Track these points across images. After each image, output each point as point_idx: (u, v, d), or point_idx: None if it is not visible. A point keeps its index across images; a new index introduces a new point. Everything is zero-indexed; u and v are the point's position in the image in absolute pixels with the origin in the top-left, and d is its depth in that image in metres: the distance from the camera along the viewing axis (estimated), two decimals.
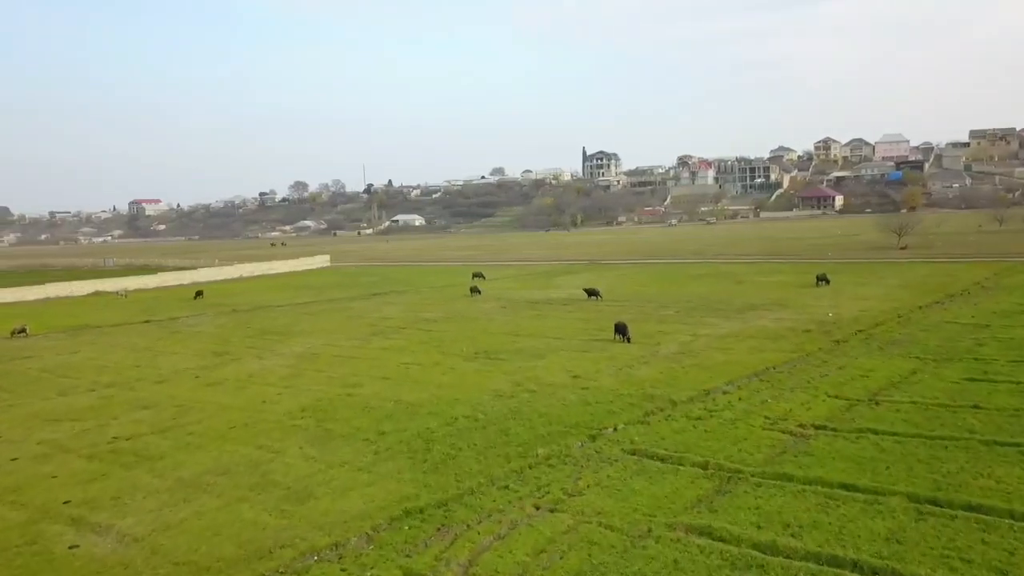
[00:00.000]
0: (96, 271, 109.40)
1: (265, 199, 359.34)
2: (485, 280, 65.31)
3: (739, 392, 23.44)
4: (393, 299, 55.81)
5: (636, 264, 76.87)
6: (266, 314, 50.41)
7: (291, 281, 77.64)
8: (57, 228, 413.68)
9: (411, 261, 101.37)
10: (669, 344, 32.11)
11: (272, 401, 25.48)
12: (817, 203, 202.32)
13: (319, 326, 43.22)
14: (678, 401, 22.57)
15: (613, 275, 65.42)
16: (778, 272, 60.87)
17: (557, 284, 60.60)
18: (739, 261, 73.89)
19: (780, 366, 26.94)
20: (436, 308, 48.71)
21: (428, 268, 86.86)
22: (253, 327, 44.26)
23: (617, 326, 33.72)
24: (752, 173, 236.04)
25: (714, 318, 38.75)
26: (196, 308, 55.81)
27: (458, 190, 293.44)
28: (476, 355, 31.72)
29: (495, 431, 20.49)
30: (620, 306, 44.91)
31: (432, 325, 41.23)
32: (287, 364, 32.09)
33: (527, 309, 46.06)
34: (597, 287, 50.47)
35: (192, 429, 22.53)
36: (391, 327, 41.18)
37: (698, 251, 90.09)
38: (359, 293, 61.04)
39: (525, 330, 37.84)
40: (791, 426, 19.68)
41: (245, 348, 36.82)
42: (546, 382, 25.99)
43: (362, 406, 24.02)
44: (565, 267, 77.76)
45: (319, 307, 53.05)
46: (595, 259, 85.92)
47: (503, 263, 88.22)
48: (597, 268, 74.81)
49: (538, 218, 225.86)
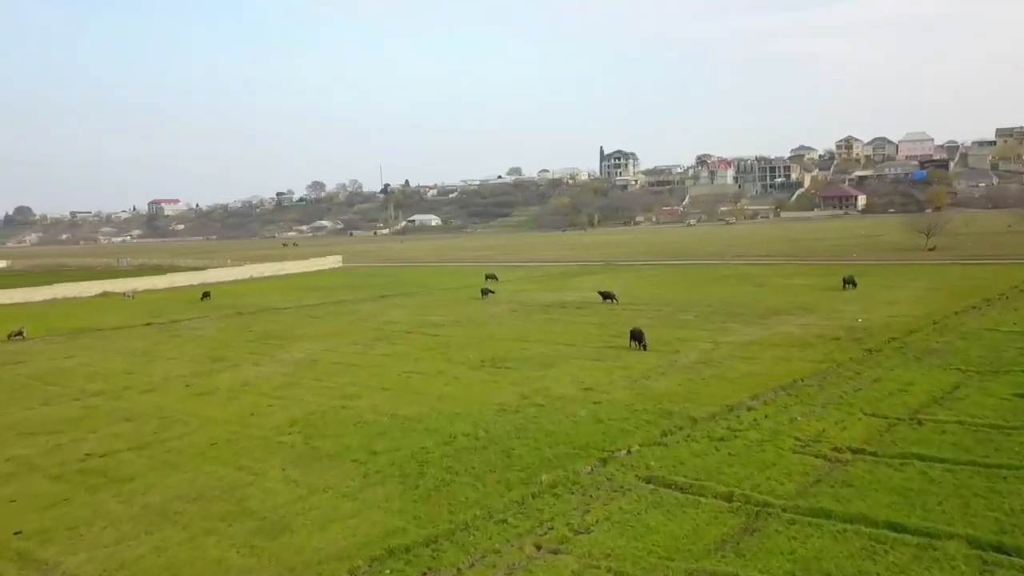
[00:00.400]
0: (109, 271, 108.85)
1: (282, 199, 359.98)
2: (498, 281, 63.53)
3: (765, 408, 21.43)
4: (402, 301, 54.14)
5: (654, 265, 74.77)
6: (270, 317, 48.91)
7: (301, 282, 76.26)
8: (78, 228, 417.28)
9: (424, 262, 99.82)
10: (688, 352, 30.11)
11: (261, 413, 23.80)
12: (839, 203, 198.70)
13: (323, 330, 41.61)
14: (698, 418, 20.60)
15: (630, 277, 63.41)
16: (801, 274, 58.55)
17: (572, 286, 58.67)
18: (760, 262, 71.57)
19: (809, 378, 24.87)
20: (445, 311, 46.96)
21: (441, 269, 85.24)
22: (255, 330, 42.74)
23: (633, 332, 31.77)
24: (772, 172, 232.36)
25: (736, 324, 36.67)
26: (201, 310, 54.46)
27: (474, 190, 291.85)
28: (482, 363, 29.89)
29: (496, 452, 18.64)
30: (636, 310, 42.93)
31: (439, 330, 39.46)
32: (284, 372, 30.44)
33: (539, 313, 44.19)
34: (613, 289, 48.51)
35: (171, 445, 20.88)
36: (396, 332, 39.47)
37: (717, 252, 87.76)
38: (368, 295, 59.43)
39: (535, 336, 35.97)
40: (825, 449, 17.68)
41: (244, 353, 35.24)
42: (555, 395, 24.11)
43: (355, 421, 22.27)
44: (580, 268, 75.82)
45: (325, 309, 51.48)
46: (611, 260, 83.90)
47: (517, 264, 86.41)
48: (613, 269, 72.82)
49: (555, 218, 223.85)
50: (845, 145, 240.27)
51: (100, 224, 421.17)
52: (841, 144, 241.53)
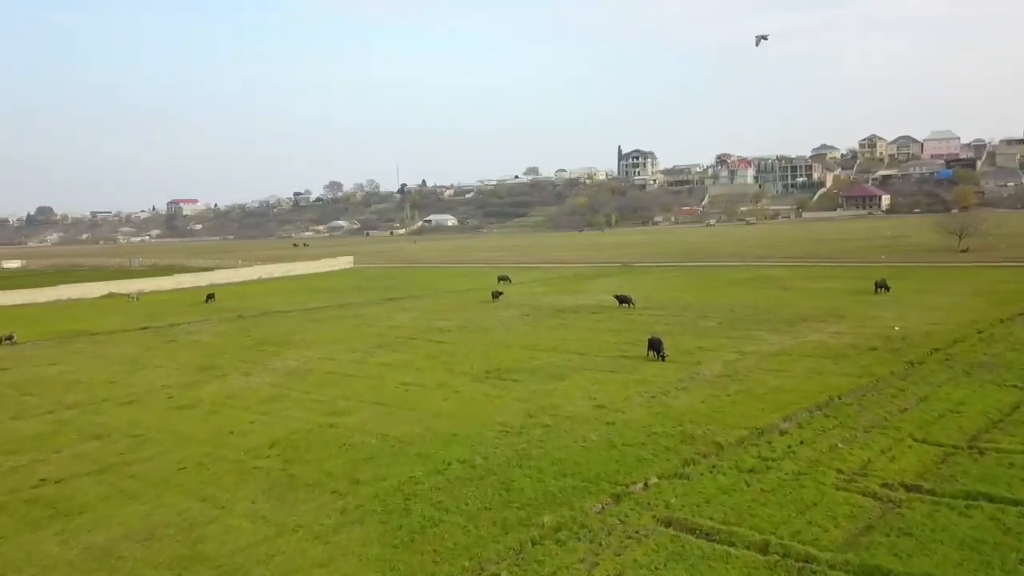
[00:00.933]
0: (121, 271, 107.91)
1: (299, 199, 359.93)
2: (511, 283, 61.29)
3: (800, 432, 18.99)
4: (409, 305, 52.00)
5: (672, 267, 72.15)
6: (271, 320, 46.95)
7: (309, 284, 74.41)
8: (98, 228, 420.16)
9: (437, 263, 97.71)
10: (711, 364, 27.67)
11: (241, 432, 21.68)
12: (863, 203, 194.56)
13: (322, 335, 39.54)
14: (725, 444, 18.21)
15: (647, 279, 60.89)
16: (828, 277, 55.78)
17: (586, 289, 56.26)
18: (784, 264, 68.74)
19: (847, 395, 22.39)
20: (452, 315, 44.75)
21: (453, 270, 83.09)
22: (253, 335, 40.76)
23: (651, 342, 29.36)
24: (793, 172, 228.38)
25: (762, 331, 34.14)
26: (202, 313, 52.63)
27: (491, 190, 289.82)
28: (486, 375, 27.62)
29: (494, 484, 16.37)
30: (654, 315, 40.50)
31: (444, 336, 37.25)
32: (273, 382, 28.34)
33: (551, 318, 41.86)
34: (629, 293, 46.07)
35: (136, 470, 18.81)
36: (399, 338, 37.30)
37: (739, 253, 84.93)
38: (375, 298, 57.37)
39: (546, 343, 33.64)
40: (874, 486, 15.24)
41: (236, 361, 33.22)
42: (564, 413, 21.79)
43: (341, 442, 20.08)
44: (596, 270, 73.37)
45: (329, 313, 49.44)
46: (629, 261, 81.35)
47: (532, 265, 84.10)
48: (630, 271, 70.31)
49: (572, 218, 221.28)
50: (868, 144, 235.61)
51: (120, 224, 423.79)
52: (864, 143, 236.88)
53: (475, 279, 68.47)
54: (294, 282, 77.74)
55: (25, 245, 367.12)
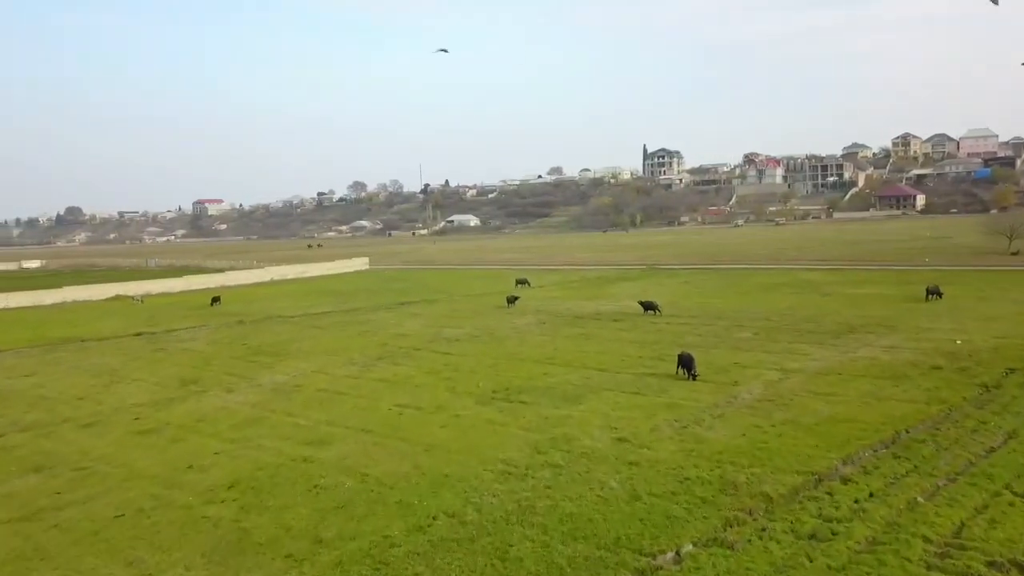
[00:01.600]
0: (135, 271, 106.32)
1: (323, 199, 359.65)
2: (529, 287, 58.03)
3: (867, 480, 15.50)
4: (420, 310, 48.87)
5: (701, 270, 68.29)
6: (272, 327, 44.05)
7: (320, 286, 71.62)
8: (125, 227, 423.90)
9: (454, 265, 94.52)
10: (750, 384, 24.16)
11: (201, 467, 18.60)
12: (896, 203, 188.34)
13: (322, 344, 36.52)
14: (775, 496, 14.77)
15: (674, 283, 57.19)
16: (871, 282, 51.75)
17: (609, 293, 52.74)
18: (820, 267, 64.63)
19: (916, 428, 18.82)
20: (464, 323, 41.53)
21: (471, 272, 79.89)
22: (249, 344, 37.86)
23: (681, 358, 25.89)
24: (824, 171, 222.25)
25: (805, 344, 30.50)
26: (202, 318, 49.92)
27: (514, 190, 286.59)
28: (493, 395, 24.34)
29: (487, 550, 13.08)
30: (683, 324, 36.98)
31: (452, 347, 34.02)
32: (255, 401, 25.30)
33: (569, 326, 38.48)
34: (655, 299, 42.58)
35: (65, 517, 15.81)
36: (403, 348, 34.15)
37: (770, 255, 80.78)
38: (385, 302, 54.32)
39: (563, 356, 30.28)
40: (977, 565, 11.74)
41: (221, 374, 30.25)
42: (579, 448, 18.44)
43: (312, 483, 16.92)
44: (620, 272, 69.74)
45: (334, 319, 46.46)
46: (654, 263, 77.60)
47: (552, 267, 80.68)
48: (656, 274, 66.60)
49: (595, 218, 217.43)
50: (902, 142, 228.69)
51: (146, 224, 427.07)
52: (898, 141, 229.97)
53: (492, 282, 65.26)
54: (305, 284, 75.02)
55: (54, 245, 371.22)
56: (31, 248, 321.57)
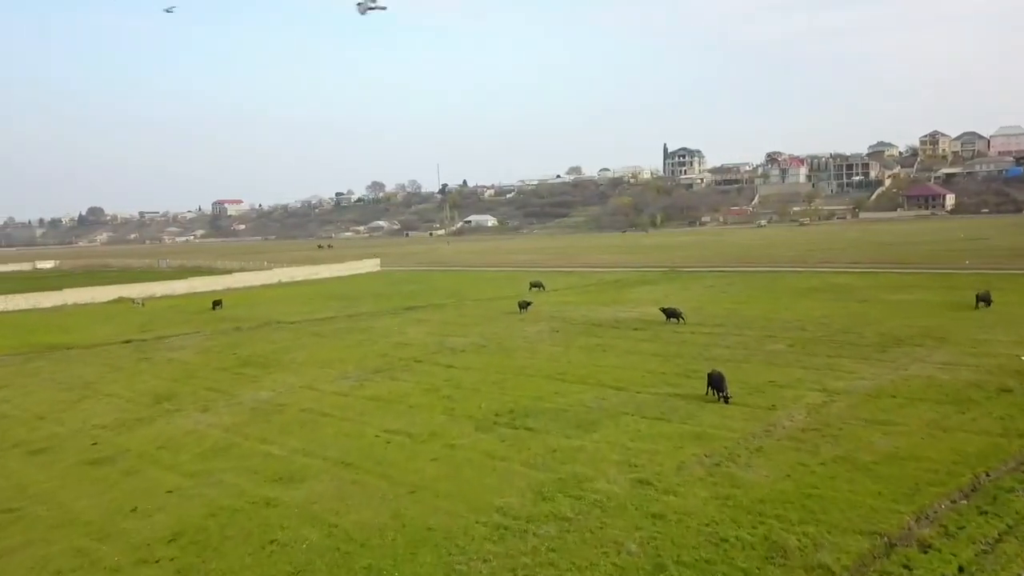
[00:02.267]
0: (146, 272, 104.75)
1: (341, 199, 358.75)
2: (544, 290, 55.08)
3: (952, 546, 12.39)
4: (427, 315, 46.05)
5: (726, 273, 64.87)
6: (269, 334, 41.42)
7: (327, 289, 69.06)
8: (146, 228, 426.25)
9: (468, 266, 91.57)
10: (790, 408, 21.04)
11: (145, 511, 15.84)
12: (925, 203, 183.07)
13: (317, 354, 33.79)
14: (837, 570, 11.70)
15: (698, 288, 53.88)
16: (910, 287, 48.17)
17: (629, 298, 49.60)
18: (852, 270, 61.03)
19: (996, 470, 15.70)
20: (472, 330, 38.64)
21: (484, 274, 76.98)
22: (239, 353, 35.22)
23: (711, 378, 22.79)
24: (849, 170, 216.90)
25: (847, 359, 27.27)
26: (199, 323, 47.48)
27: (532, 190, 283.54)
28: (495, 419, 21.41)
29: None
30: (709, 334, 33.84)
31: (456, 359, 31.13)
32: (229, 424, 22.55)
33: (585, 335, 35.46)
34: (678, 305, 39.47)
35: None
36: (403, 360, 31.32)
37: (798, 257, 77.13)
38: (392, 306, 51.55)
39: (577, 371, 27.29)
40: None
41: (201, 390, 27.57)
42: (592, 493, 15.44)
43: (269, 537, 14.08)
44: (640, 275, 66.54)
45: (335, 325, 43.75)
46: (676, 266, 74.26)
47: (569, 268, 77.57)
48: (679, 278, 63.30)
49: (615, 218, 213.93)
50: (930, 140, 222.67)
51: (167, 224, 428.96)
52: (926, 139, 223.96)
53: (505, 285, 62.36)
54: (313, 287, 72.51)
55: (75, 245, 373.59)
56: (53, 248, 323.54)
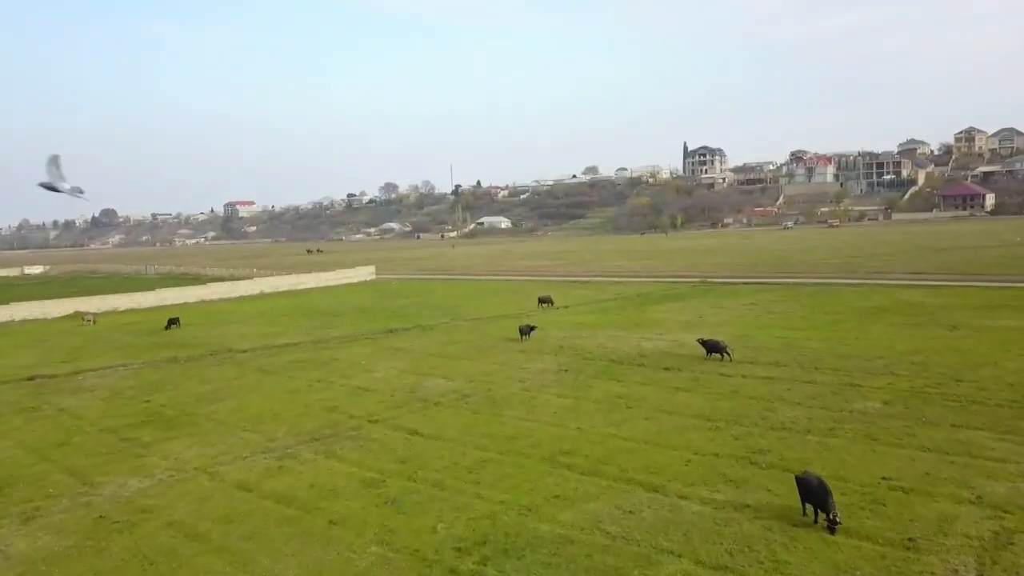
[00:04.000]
0: (132, 279, 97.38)
1: (352, 200, 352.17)
2: (552, 307, 46.74)
3: None
4: (408, 342, 37.71)
5: (765, 286, 55.97)
6: (206, 369, 33.24)
7: (308, 302, 60.86)
8: (158, 229, 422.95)
9: (472, 274, 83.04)
10: (947, 547, 12.50)
11: None
12: (963, 203, 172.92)
13: (247, 406, 25.57)
14: None
15: (737, 306, 45.08)
16: (1004, 307, 39.16)
17: (654, 319, 40.99)
18: (918, 283, 51.95)
19: None
20: (457, 367, 30.25)
21: (488, 285, 68.55)
22: (153, 402, 27.09)
23: (804, 487, 14.14)
24: (879, 169, 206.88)
25: (985, 431, 18.61)
26: (137, 350, 39.48)
27: (547, 190, 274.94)
28: (456, 562, 13.02)
29: None
30: (768, 378, 25.28)
31: (425, 418, 22.77)
32: (34, 555, 14.35)
33: (602, 378, 26.97)
34: (720, 336, 30.93)
35: None
36: (354, 419, 23.02)
37: (844, 265, 68.10)
38: (371, 328, 43.23)
39: (590, 448, 18.83)
40: None
41: (56, 472, 19.43)
42: None
43: None
44: (665, 287, 57.87)
45: (293, 356, 35.51)
46: (706, 275, 65.49)
47: (584, 277, 69.03)
48: (711, 291, 54.53)
49: (633, 220, 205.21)
50: (966, 137, 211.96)
51: (179, 226, 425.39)
52: (961, 136, 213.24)
53: (510, 299, 54.00)
54: (294, 299, 64.37)
55: (87, 247, 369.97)
56: (65, 251, 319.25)
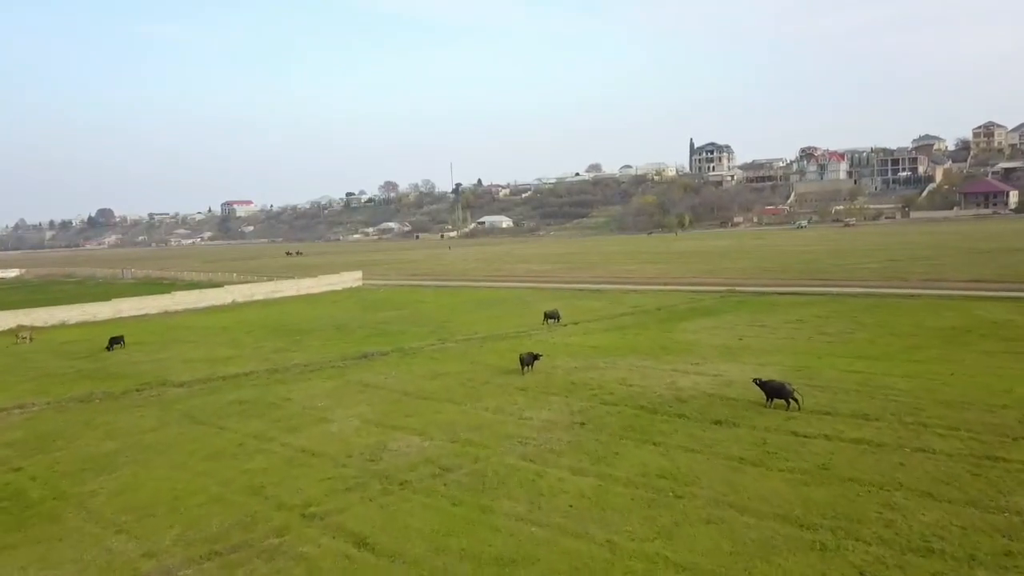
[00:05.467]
0: (104, 284, 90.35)
1: (351, 200, 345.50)
2: (560, 323, 39.66)
3: None
4: (382, 373, 30.41)
5: (805, 296, 48.50)
6: (119, 415, 26.03)
7: (279, 315, 53.55)
8: (155, 229, 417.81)
9: (468, 279, 75.48)
10: None
11: None
12: (985, 200, 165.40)
13: (141, 482, 18.44)
14: None
15: (781, 323, 37.74)
16: None
17: (684, 341, 33.68)
18: (987, 293, 44.59)
19: None
20: (437, 416, 23.01)
21: (485, 294, 61.30)
22: (23, 472, 20.01)
23: None
24: (894, 166, 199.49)
25: None
26: (55, 381, 32.32)
27: (549, 188, 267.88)
28: None
29: None
30: (862, 443, 18.09)
31: (384, 510, 15.55)
32: None
33: (630, 437, 19.70)
34: (774, 372, 23.75)
35: None
36: (282, 512, 15.84)
37: (887, 271, 60.72)
38: (342, 352, 35.95)
39: (629, 566, 11.69)
40: None
41: None
42: None
43: None
44: (688, 297, 50.56)
45: (235, 394, 28.25)
46: (731, 282, 58.25)
47: (592, 285, 61.79)
48: (746, 303, 47.16)
49: (639, 219, 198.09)
50: (984, 132, 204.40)
51: (176, 226, 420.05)
52: (979, 131, 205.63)
53: (509, 312, 46.82)
54: (265, 311, 57.10)
55: (83, 247, 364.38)
56: (59, 251, 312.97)
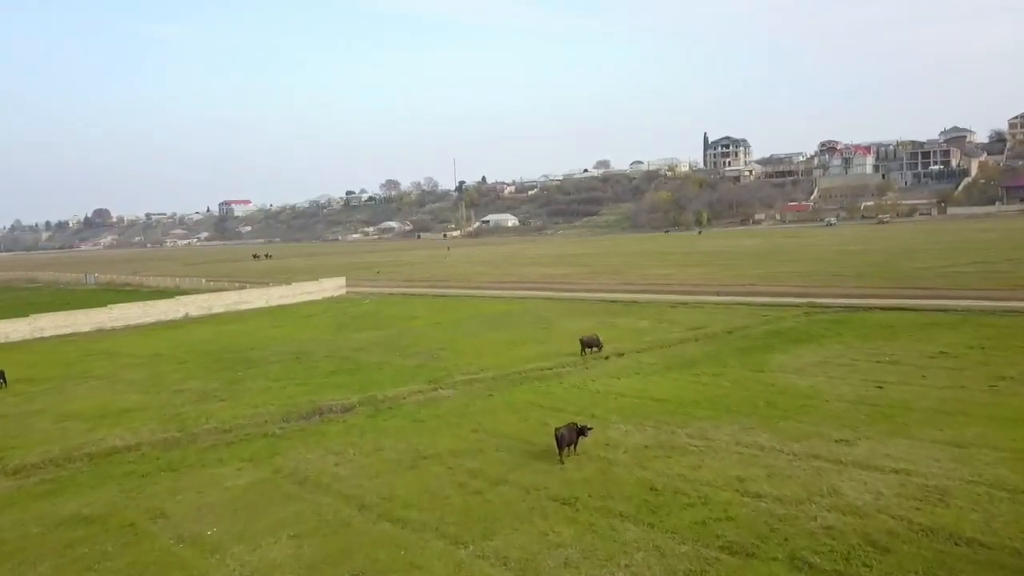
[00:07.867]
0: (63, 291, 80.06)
1: (351, 198, 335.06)
2: (600, 352, 28.81)
3: None
4: (333, 453, 19.58)
5: (914, 311, 37.44)
6: None
7: (228, 337, 42.23)
8: (152, 229, 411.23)
9: (470, 286, 63.79)
10: None
11: None
12: None
13: None
14: None
15: (920, 355, 26.51)
16: None
17: (793, 391, 22.62)
18: None
19: None
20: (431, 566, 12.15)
21: (494, 304, 50.34)
22: None
23: None
24: (924, 159, 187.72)
25: None
26: None
27: (556, 186, 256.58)
28: None
29: None
30: None
31: None
32: None
33: None
34: None
35: None
36: None
37: (995, 276, 49.63)
38: (287, 405, 25.02)
39: None
40: None
41: None
42: None
43: None
44: (757, 313, 39.56)
45: (78, 500, 17.52)
46: (801, 291, 47.21)
47: (627, 293, 50.80)
48: (843, 322, 36.12)
49: (652, 216, 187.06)
50: (1021, 123, 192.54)
51: (173, 226, 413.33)
52: (1016, 122, 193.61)
53: (525, 335, 35.84)
54: (218, 329, 45.99)
55: (78, 248, 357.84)
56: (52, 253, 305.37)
